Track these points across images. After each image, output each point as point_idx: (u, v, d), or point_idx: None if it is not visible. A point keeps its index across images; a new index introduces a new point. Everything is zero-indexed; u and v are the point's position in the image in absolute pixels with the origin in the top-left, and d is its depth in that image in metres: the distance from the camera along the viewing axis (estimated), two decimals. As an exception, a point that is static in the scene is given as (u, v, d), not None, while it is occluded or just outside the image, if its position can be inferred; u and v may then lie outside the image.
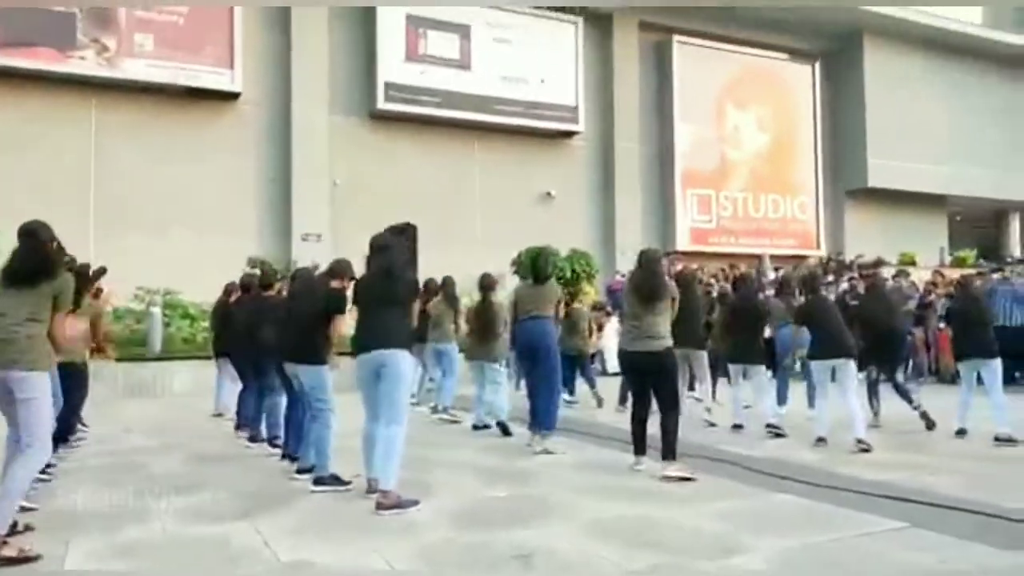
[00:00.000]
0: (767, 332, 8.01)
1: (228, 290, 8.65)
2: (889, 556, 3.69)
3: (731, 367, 7.92)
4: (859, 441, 6.47)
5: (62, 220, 4.43)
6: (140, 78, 15.06)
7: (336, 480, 5.20)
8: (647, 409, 5.82)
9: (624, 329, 6.03)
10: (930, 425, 7.47)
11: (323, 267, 6.27)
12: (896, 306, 8.05)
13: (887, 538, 3.97)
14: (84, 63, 14.62)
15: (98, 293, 7.54)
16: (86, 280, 6.23)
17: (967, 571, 3.44)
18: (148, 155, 15.10)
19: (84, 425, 7.52)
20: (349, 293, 5.40)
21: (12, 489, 3.79)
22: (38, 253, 4.03)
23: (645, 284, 5.80)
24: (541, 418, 6.66)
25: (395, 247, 5.25)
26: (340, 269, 5.67)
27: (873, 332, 7.64)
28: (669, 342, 5.72)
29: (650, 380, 5.75)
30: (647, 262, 5.98)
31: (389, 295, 4.97)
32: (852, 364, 6.86)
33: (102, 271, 7.45)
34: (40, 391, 3.89)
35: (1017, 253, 23.44)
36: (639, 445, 5.79)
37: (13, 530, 3.90)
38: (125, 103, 15.16)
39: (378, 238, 5.26)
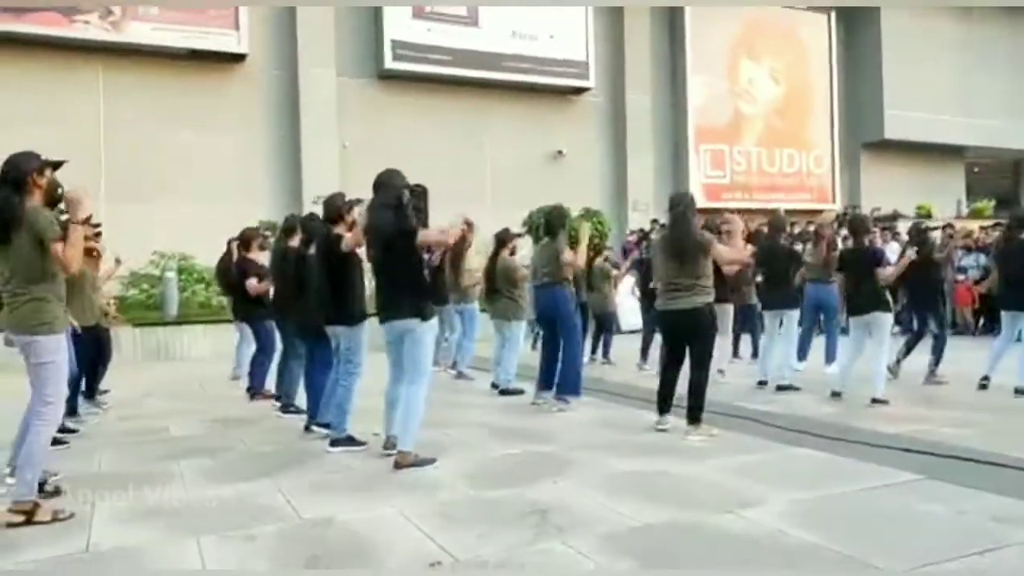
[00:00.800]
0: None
1: (248, 239, 7.93)
2: (905, 507, 3.70)
3: (767, 315, 7.82)
4: (875, 400, 6.46)
5: (74, 186, 4.40)
6: (146, 41, 14.94)
7: (351, 441, 5.23)
8: (678, 367, 5.71)
9: (661, 288, 5.78)
10: (940, 383, 7.46)
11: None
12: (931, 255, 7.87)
13: (903, 490, 3.98)
14: (89, 27, 14.50)
15: (90, 252, 6.52)
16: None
17: (983, 522, 3.45)
18: (156, 120, 15.05)
19: (93, 395, 7.29)
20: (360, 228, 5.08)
21: (34, 452, 3.83)
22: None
23: (674, 241, 5.61)
24: (563, 384, 6.63)
25: (384, 189, 4.79)
26: (331, 211, 5.37)
27: (911, 281, 7.52)
28: (709, 297, 5.51)
29: (686, 339, 5.57)
30: (674, 214, 5.70)
31: (391, 240, 4.72)
32: (889, 318, 6.75)
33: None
34: (50, 354, 3.82)
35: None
36: (664, 404, 5.71)
37: (42, 491, 3.98)
38: (132, 68, 15.06)
39: (379, 175, 4.89)
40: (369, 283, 5.35)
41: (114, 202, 14.03)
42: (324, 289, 5.37)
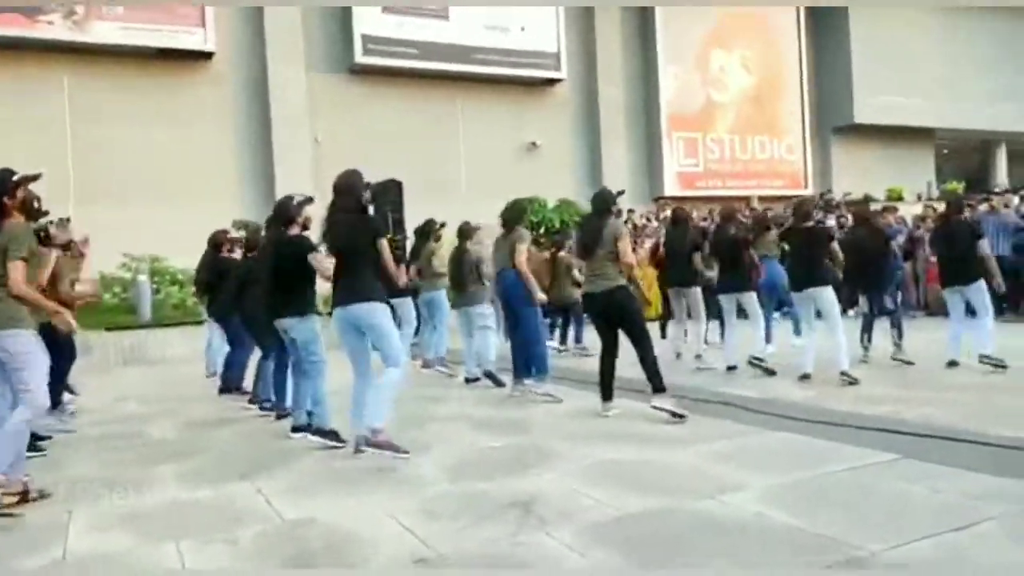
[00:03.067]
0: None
1: (219, 241, 8.00)
2: (882, 487, 3.75)
3: (722, 299, 7.95)
4: (843, 374, 6.55)
5: (41, 191, 4.33)
6: (111, 41, 14.70)
7: (335, 435, 5.21)
8: (613, 352, 5.87)
9: (584, 275, 6.16)
10: (907, 362, 7.57)
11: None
12: (880, 235, 8.05)
13: (880, 470, 4.04)
14: (53, 28, 14.26)
15: (69, 246, 6.83)
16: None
17: (958, 499, 3.51)
18: (124, 121, 14.84)
19: (73, 393, 7.38)
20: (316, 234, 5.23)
21: (17, 433, 3.92)
22: None
23: (583, 234, 6.01)
24: (531, 364, 6.72)
25: (349, 190, 4.94)
26: (284, 213, 5.46)
27: (861, 262, 7.63)
28: (619, 281, 5.71)
29: (613, 319, 5.78)
30: (592, 206, 6.05)
31: (353, 241, 4.85)
32: (829, 291, 6.83)
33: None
34: (16, 349, 3.92)
35: (1006, 183, 23.44)
36: (606, 391, 5.86)
37: (25, 497, 3.95)
38: (98, 68, 14.83)
39: (336, 179, 5.02)
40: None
41: (83, 204, 13.81)
42: (271, 285, 5.44)
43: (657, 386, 5.55)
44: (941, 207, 15.22)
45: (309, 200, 5.57)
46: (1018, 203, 13.28)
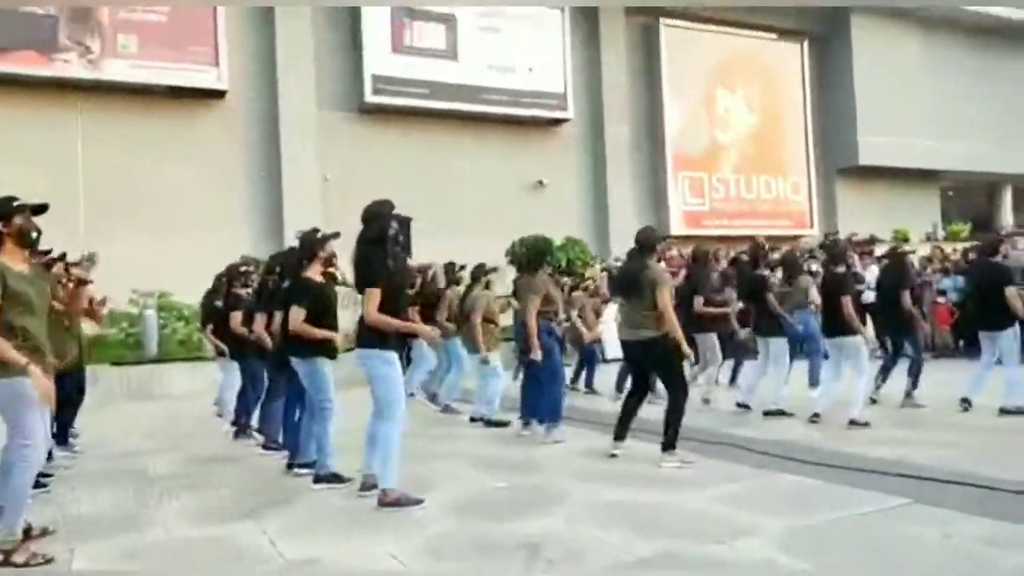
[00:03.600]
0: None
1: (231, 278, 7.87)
2: (893, 532, 3.69)
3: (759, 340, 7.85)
4: (852, 422, 6.51)
5: (51, 226, 4.35)
6: (125, 79, 14.93)
7: (336, 478, 5.16)
8: (638, 396, 5.82)
9: (621, 316, 6.03)
10: (918, 406, 7.46)
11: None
12: (906, 279, 7.97)
13: (891, 515, 3.98)
14: (68, 66, 14.47)
15: (81, 283, 6.41)
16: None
17: (972, 545, 3.45)
18: (136, 157, 15.00)
19: (74, 436, 7.13)
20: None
21: (17, 494, 3.74)
22: None
23: (622, 275, 5.86)
24: (545, 410, 6.64)
25: (379, 216, 4.74)
26: (306, 247, 5.37)
27: (887, 304, 7.56)
28: (655, 331, 5.52)
29: (646, 368, 5.73)
30: (632, 251, 5.89)
31: (360, 283, 4.72)
32: (858, 340, 6.80)
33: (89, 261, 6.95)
34: (24, 392, 3.70)
35: (1011, 225, 23.47)
36: (620, 430, 5.77)
37: (28, 535, 3.90)
38: (111, 105, 15.03)
39: (366, 208, 4.80)
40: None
41: (93, 240, 13.90)
42: (284, 324, 5.35)
43: (669, 441, 5.47)
44: (949, 248, 15.26)
45: (335, 235, 5.48)
46: (1024, 245, 13.29)
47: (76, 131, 14.82)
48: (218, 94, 15.90)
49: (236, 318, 7.39)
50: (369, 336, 4.68)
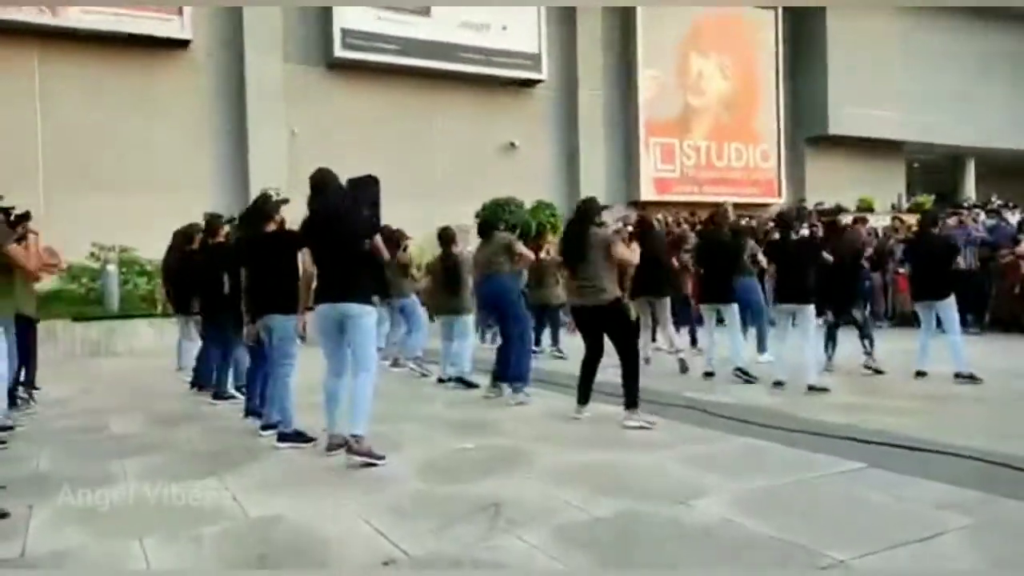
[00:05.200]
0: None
1: (189, 236, 7.80)
2: (847, 495, 3.79)
3: (703, 309, 7.99)
4: (811, 387, 6.64)
5: (9, 179, 4.22)
6: (84, 26, 14.43)
7: (300, 436, 5.15)
8: (596, 359, 5.85)
9: (566, 283, 6.07)
10: (878, 371, 7.64)
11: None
12: (854, 248, 8.14)
13: (845, 478, 4.08)
14: (23, 10, 13.95)
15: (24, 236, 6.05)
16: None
17: (923, 509, 3.55)
18: (97, 108, 14.58)
19: (35, 387, 7.03)
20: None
21: None
22: None
23: (566, 243, 5.88)
24: (514, 373, 6.68)
25: (334, 186, 4.95)
26: (262, 210, 5.49)
27: (831, 274, 7.71)
28: (612, 294, 5.63)
29: (601, 332, 5.75)
30: (575, 214, 5.97)
31: (342, 239, 4.80)
32: (811, 309, 6.94)
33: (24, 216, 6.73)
34: None
35: (973, 198, 23.89)
36: (582, 394, 5.84)
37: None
38: (70, 53, 14.55)
39: (315, 176, 4.97)
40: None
41: (52, 192, 13.58)
42: (255, 282, 5.38)
43: (631, 402, 5.56)
44: (910, 219, 15.49)
45: (285, 201, 5.63)
46: (985, 218, 13.53)
47: (33, 79, 14.34)
48: (181, 44, 15.48)
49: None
50: (360, 290, 4.78)
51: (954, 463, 4.29)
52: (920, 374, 7.29)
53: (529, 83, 19.05)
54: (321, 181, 4.94)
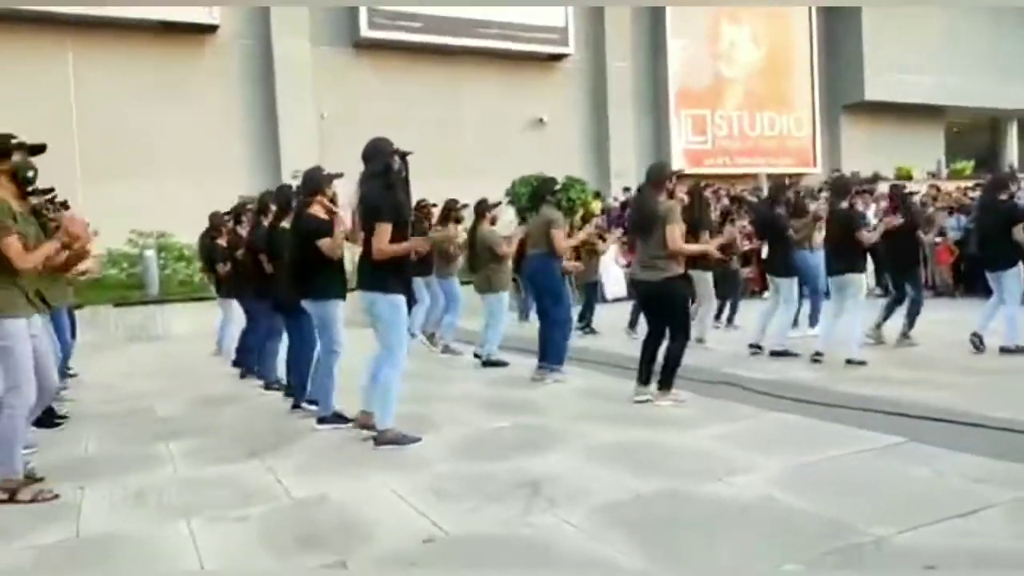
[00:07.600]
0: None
1: (220, 221, 8.06)
2: (888, 471, 3.76)
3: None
4: (848, 361, 6.57)
5: (47, 167, 4.29)
6: (116, 14, 14.59)
7: (339, 418, 5.21)
8: (657, 339, 5.63)
9: (635, 258, 5.94)
10: (912, 344, 7.49)
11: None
12: (911, 219, 7.90)
13: (887, 453, 4.05)
14: (57, 0, 14.14)
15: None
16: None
17: (965, 483, 3.51)
18: (130, 95, 14.78)
19: (70, 374, 7.12)
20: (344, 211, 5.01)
21: (5, 437, 3.79)
22: None
23: (633, 212, 5.77)
24: (545, 353, 6.68)
25: (370, 164, 4.65)
26: (311, 185, 5.20)
27: (893, 245, 7.54)
28: (666, 273, 5.42)
29: (654, 309, 5.68)
30: (642, 186, 5.83)
31: (367, 222, 4.62)
32: (861, 278, 6.84)
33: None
34: (8, 337, 3.72)
35: (1015, 162, 23.25)
36: (642, 374, 5.65)
37: (29, 478, 3.96)
38: (103, 41, 14.74)
39: (367, 147, 4.70)
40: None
41: (89, 181, 13.83)
42: (296, 263, 5.22)
43: (666, 381, 5.48)
44: (948, 186, 15.12)
45: (339, 175, 5.35)
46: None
47: (67, 68, 14.57)
48: (210, 29, 15.57)
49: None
50: (374, 279, 4.64)
51: (995, 436, 4.23)
52: (975, 336, 6.96)
53: (556, 57, 18.86)
54: (365, 154, 4.71)
